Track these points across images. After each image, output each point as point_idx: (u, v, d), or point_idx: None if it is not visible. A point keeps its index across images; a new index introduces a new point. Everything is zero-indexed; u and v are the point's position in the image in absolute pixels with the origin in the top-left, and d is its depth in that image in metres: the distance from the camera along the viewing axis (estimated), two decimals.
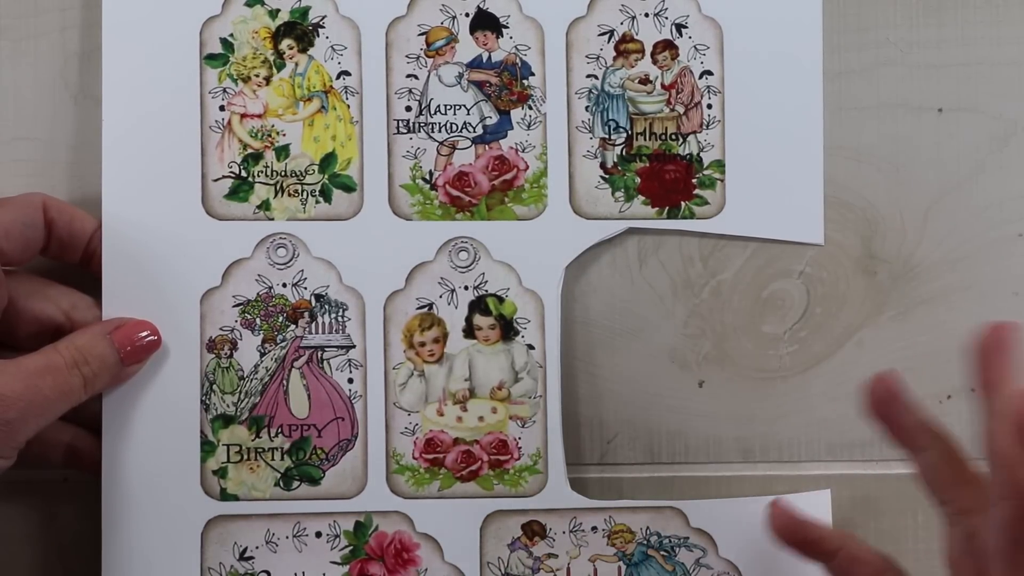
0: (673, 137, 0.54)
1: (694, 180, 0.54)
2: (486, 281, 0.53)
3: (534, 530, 0.53)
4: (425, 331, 0.52)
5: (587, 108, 0.53)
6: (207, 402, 0.51)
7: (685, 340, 0.54)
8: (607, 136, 0.53)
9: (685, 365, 0.54)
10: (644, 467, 0.54)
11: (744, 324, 0.54)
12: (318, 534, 0.52)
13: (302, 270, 0.52)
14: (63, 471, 0.52)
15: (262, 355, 0.52)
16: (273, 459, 0.52)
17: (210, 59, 0.52)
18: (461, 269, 0.53)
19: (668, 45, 0.54)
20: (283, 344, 0.52)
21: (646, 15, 0.54)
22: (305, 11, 0.52)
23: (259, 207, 0.52)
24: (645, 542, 0.53)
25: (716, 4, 0.54)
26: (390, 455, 0.52)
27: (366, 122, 0.52)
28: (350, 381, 0.52)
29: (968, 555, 0.41)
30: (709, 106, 0.54)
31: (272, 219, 0.52)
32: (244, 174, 0.52)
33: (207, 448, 0.51)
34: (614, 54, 0.53)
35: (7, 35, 0.53)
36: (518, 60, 0.53)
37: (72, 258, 0.51)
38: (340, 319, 0.52)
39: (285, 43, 0.52)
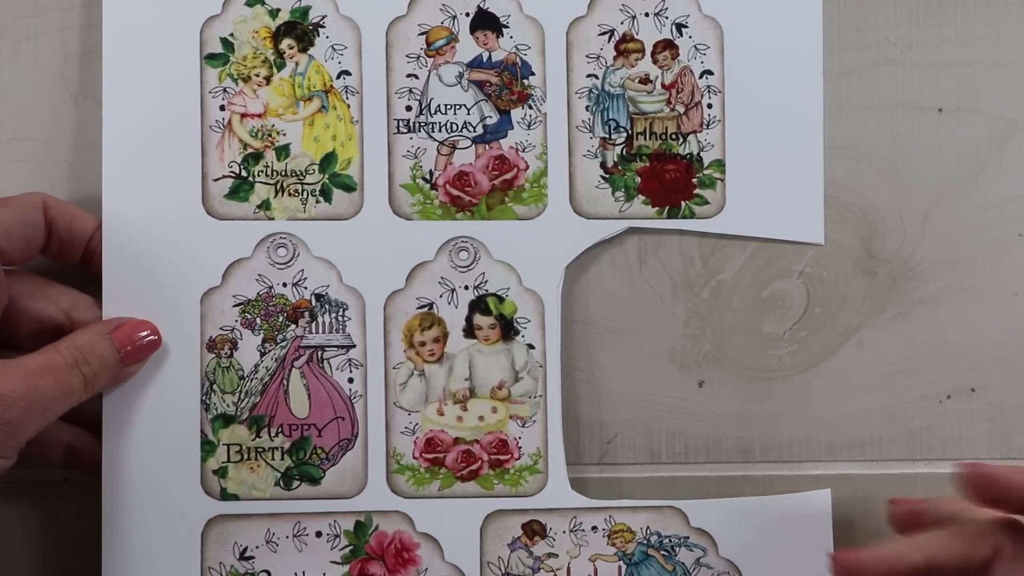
0: (673, 137, 0.54)
1: (694, 180, 0.54)
2: (486, 281, 0.53)
3: (534, 530, 0.53)
4: (425, 331, 0.52)
5: (587, 108, 0.53)
6: (207, 402, 0.51)
7: (685, 340, 0.54)
8: (607, 136, 0.53)
9: (685, 365, 0.54)
10: (644, 467, 0.54)
11: (744, 324, 0.54)
12: (318, 534, 0.52)
13: (302, 270, 0.52)
14: (63, 471, 0.52)
15: (262, 355, 0.52)
16: (273, 459, 0.52)
17: (210, 59, 0.52)
18: (461, 269, 0.53)
19: (668, 45, 0.54)
20: (283, 344, 0.52)
21: (646, 15, 0.54)
22: (305, 11, 0.52)
23: (259, 207, 0.52)
24: (645, 542, 0.53)
25: (716, 4, 0.54)
26: (390, 455, 0.52)
27: (366, 122, 0.52)
28: (350, 381, 0.52)
29: None
30: (709, 106, 0.54)
31: (272, 219, 0.52)
32: (244, 174, 0.52)
33: (207, 448, 0.51)
34: (614, 54, 0.53)
35: (7, 35, 0.53)
36: (518, 60, 0.53)
37: (72, 258, 0.51)
38: (340, 319, 0.52)
39: (285, 43, 0.52)
